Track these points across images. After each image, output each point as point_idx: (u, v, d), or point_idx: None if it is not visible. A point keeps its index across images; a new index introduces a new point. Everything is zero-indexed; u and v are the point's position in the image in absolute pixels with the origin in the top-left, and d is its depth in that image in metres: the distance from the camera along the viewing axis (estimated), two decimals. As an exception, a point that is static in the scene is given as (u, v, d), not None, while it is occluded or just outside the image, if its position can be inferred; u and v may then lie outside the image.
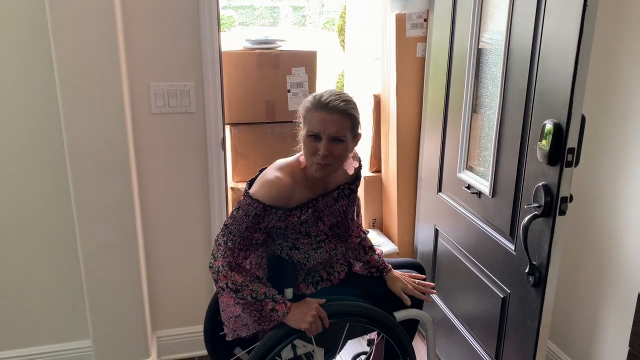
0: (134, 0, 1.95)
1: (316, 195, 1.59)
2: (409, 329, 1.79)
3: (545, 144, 1.48)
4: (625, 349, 1.57)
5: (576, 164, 1.46)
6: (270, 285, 1.55)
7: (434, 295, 2.34)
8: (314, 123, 1.48)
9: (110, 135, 1.90)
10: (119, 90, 1.87)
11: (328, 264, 1.69)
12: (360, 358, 2.12)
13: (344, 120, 1.48)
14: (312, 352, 1.61)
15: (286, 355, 1.58)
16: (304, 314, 1.51)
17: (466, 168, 2.09)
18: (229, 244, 1.49)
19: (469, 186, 2.03)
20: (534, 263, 1.60)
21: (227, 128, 2.55)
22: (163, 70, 2.05)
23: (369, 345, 2.00)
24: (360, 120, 1.57)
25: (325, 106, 1.47)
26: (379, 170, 2.92)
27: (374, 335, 1.89)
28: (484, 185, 1.91)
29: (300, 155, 1.58)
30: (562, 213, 1.50)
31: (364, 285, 1.73)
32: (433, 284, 1.81)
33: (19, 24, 1.91)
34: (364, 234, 1.81)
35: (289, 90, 2.66)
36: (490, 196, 1.87)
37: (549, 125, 1.47)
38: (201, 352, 2.39)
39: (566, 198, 1.49)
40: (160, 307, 2.32)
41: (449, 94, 2.20)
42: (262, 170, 1.59)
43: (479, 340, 2.05)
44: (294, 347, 1.58)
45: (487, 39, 1.91)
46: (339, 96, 1.49)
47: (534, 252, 1.60)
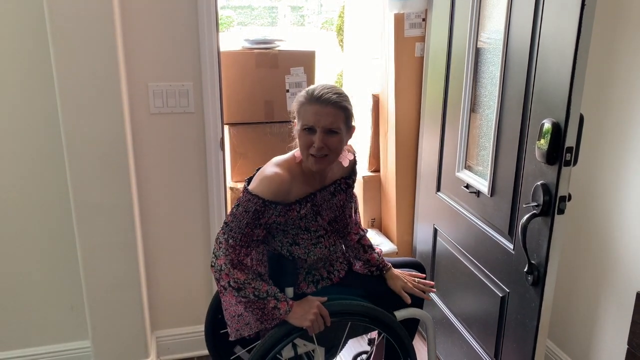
0: (133, 0, 1.95)
1: (314, 189, 1.61)
2: (410, 328, 1.79)
3: (543, 143, 1.48)
4: (624, 347, 1.57)
5: (574, 163, 1.47)
6: (272, 283, 1.56)
7: (433, 295, 2.35)
8: (308, 116, 1.51)
9: (109, 135, 1.90)
10: (117, 90, 1.87)
11: (328, 262, 1.70)
12: (361, 357, 2.12)
13: (338, 112, 1.51)
14: (313, 352, 1.61)
15: (287, 355, 1.58)
16: (306, 312, 1.51)
17: (465, 167, 2.09)
18: (230, 241, 1.50)
19: (467, 185, 2.03)
20: (533, 262, 1.60)
21: (226, 128, 2.55)
22: (161, 70, 2.05)
23: (369, 345, 2.01)
24: (354, 113, 1.60)
25: (319, 99, 1.50)
26: (377, 170, 2.92)
27: (374, 335, 1.90)
28: (483, 185, 1.92)
29: (296, 151, 1.61)
30: (561, 212, 1.50)
31: (364, 284, 1.74)
32: (433, 282, 1.81)
33: (18, 25, 1.90)
34: (363, 232, 1.81)
35: (288, 90, 2.66)
36: (489, 195, 1.87)
37: (547, 125, 1.47)
38: (200, 352, 2.39)
39: (565, 197, 1.49)
40: (160, 308, 2.32)
41: (447, 94, 2.21)
42: (259, 169, 1.60)
43: (478, 339, 2.05)
44: (294, 346, 1.58)
45: (486, 38, 1.91)
46: (331, 89, 1.53)
47: (533, 251, 1.60)
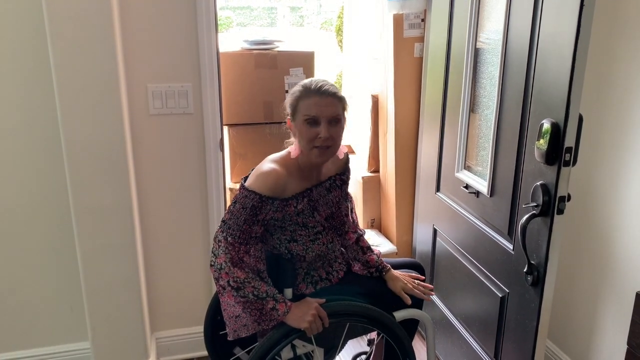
0: (132, 1, 1.95)
1: (310, 185, 1.63)
2: (409, 329, 1.79)
3: (542, 143, 1.48)
4: (623, 347, 1.57)
5: (574, 163, 1.47)
6: (271, 283, 1.56)
7: (433, 295, 2.34)
8: (310, 108, 1.54)
9: (108, 136, 1.90)
10: (116, 91, 1.87)
11: (327, 263, 1.70)
12: (361, 358, 2.12)
13: (337, 102, 1.56)
14: (312, 352, 1.61)
15: (286, 356, 1.58)
16: (304, 313, 1.51)
17: (464, 168, 2.09)
18: (229, 239, 1.50)
19: (467, 186, 2.03)
20: (532, 262, 1.60)
21: (225, 129, 2.55)
22: (161, 71, 2.05)
23: (369, 345, 2.01)
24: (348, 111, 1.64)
25: (318, 91, 1.54)
26: (377, 171, 2.92)
27: (374, 335, 1.90)
28: (482, 185, 1.92)
29: (291, 148, 1.63)
30: (560, 212, 1.50)
31: (363, 284, 1.74)
32: (432, 286, 1.81)
33: (17, 26, 1.90)
34: (361, 232, 1.82)
35: (287, 91, 2.65)
36: (488, 196, 1.87)
37: (546, 125, 1.47)
38: (200, 353, 2.38)
39: (564, 197, 1.49)
40: (159, 309, 2.32)
41: (446, 94, 2.20)
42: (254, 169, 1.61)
43: (477, 339, 2.05)
44: (293, 347, 1.58)
45: (485, 38, 1.91)
46: (325, 82, 1.58)
47: (532, 252, 1.60)
